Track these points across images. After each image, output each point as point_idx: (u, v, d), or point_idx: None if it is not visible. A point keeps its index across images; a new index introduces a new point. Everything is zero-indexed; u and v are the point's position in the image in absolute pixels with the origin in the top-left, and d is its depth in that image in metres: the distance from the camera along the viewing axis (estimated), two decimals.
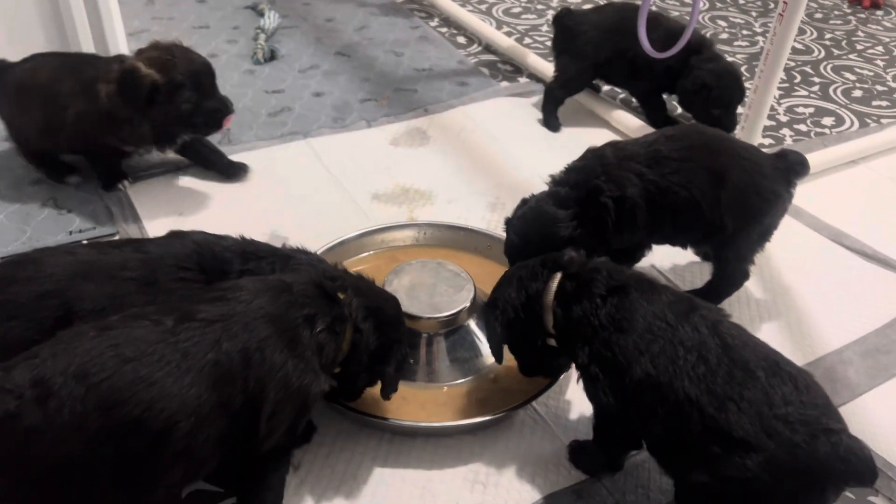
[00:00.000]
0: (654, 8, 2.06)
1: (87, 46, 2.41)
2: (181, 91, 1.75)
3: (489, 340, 1.38)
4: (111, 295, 1.22)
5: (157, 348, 1.00)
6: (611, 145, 1.59)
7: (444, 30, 3.13)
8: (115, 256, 1.28)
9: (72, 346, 0.98)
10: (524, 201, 1.58)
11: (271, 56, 2.76)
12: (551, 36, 2.45)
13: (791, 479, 1.02)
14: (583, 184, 1.52)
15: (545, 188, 1.59)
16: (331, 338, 1.16)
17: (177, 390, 0.98)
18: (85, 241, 1.79)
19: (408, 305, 1.44)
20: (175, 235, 1.37)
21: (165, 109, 1.76)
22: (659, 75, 2.26)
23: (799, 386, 1.07)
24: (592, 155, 1.57)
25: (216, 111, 1.83)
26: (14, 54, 2.22)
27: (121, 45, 2.50)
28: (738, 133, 2.08)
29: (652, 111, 2.43)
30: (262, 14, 2.96)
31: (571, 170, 1.57)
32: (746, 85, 2.22)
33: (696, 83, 2.21)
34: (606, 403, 1.18)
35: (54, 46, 2.40)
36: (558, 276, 1.25)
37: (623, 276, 1.23)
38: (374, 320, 1.23)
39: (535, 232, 1.52)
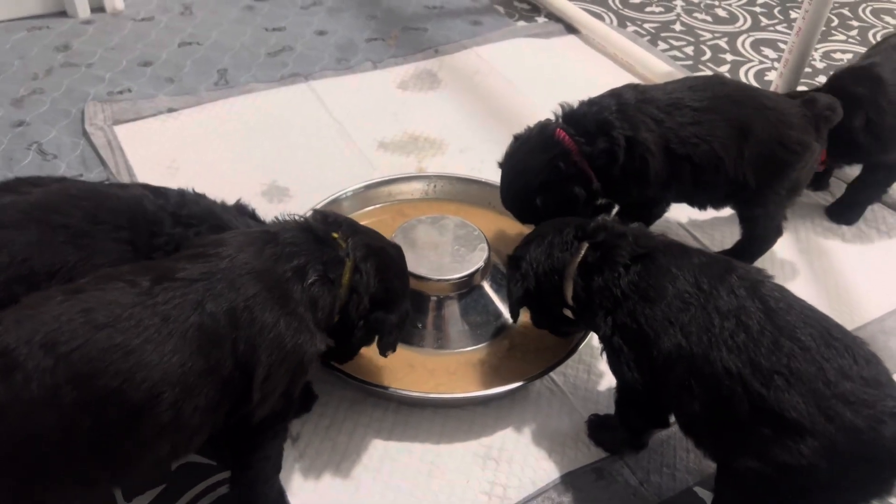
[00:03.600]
0: None
1: None
2: None
3: (507, 296, 1.28)
4: (37, 243, 1.02)
5: (133, 312, 0.91)
6: (631, 87, 1.47)
7: None
8: (38, 196, 1.08)
9: (38, 312, 0.89)
10: (516, 138, 1.48)
11: None
12: None
13: (853, 468, 0.92)
14: (592, 116, 1.40)
15: None
16: (325, 289, 1.07)
17: (158, 358, 0.90)
18: None
19: (416, 266, 1.33)
20: (117, 186, 1.21)
21: None
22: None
23: (857, 359, 0.96)
24: (611, 94, 1.46)
25: None
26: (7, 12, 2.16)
27: None
28: (776, 81, 1.92)
29: None
30: None
31: (584, 103, 1.46)
32: (781, 29, 2.00)
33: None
34: (631, 378, 1.09)
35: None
36: (585, 245, 1.15)
37: (650, 242, 1.14)
38: (375, 260, 1.13)
39: (510, 183, 1.46)
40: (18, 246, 1.01)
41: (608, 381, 1.35)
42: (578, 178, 1.39)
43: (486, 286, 1.42)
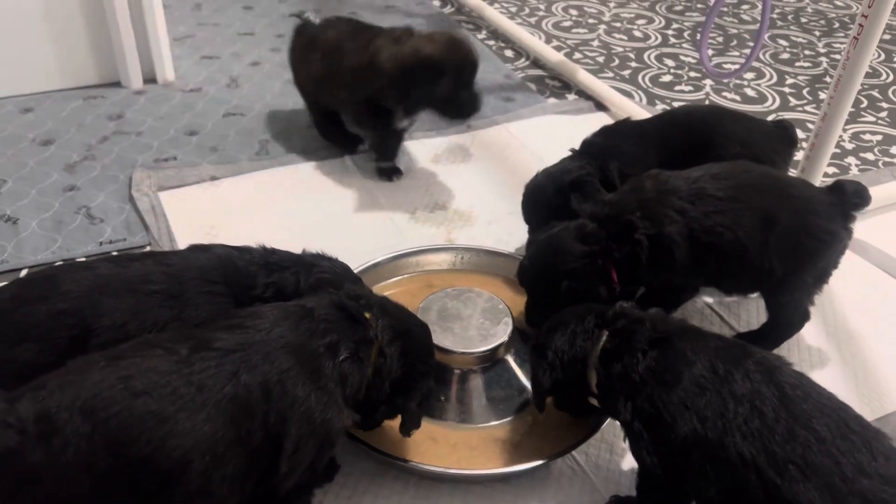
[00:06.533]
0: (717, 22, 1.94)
1: (131, 51, 2.41)
2: (444, 78, 1.84)
3: (532, 386, 1.29)
4: (133, 310, 1.16)
5: (170, 380, 0.94)
6: (651, 177, 1.48)
7: (491, 42, 3.05)
8: (135, 269, 1.21)
9: (80, 378, 0.93)
10: (553, 225, 1.51)
11: None
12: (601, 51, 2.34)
13: None
14: (614, 219, 1.43)
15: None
16: (355, 366, 1.09)
17: (191, 426, 0.92)
18: (115, 252, 1.76)
19: (440, 338, 1.36)
20: (198, 249, 1.31)
21: (425, 89, 1.86)
22: None
23: (876, 455, 0.95)
24: (630, 188, 1.48)
25: (468, 103, 1.90)
26: (59, 54, 2.34)
27: (164, 50, 2.49)
28: (802, 163, 1.94)
29: None
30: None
31: (604, 202, 1.49)
32: (810, 109, 2.05)
33: None
34: (650, 463, 1.09)
35: (99, 51, 2.43)
36: (605, 334, 1.17)
37: (667, 326, 1.15)
38: (400, 344, 1.15)
39: (539, 259, 1.49)
40: (119, 313, 1.15)
41: (630, 461, 1.33)
42: (605, 279, 1.43)
43: (510, 360, 1.44)
